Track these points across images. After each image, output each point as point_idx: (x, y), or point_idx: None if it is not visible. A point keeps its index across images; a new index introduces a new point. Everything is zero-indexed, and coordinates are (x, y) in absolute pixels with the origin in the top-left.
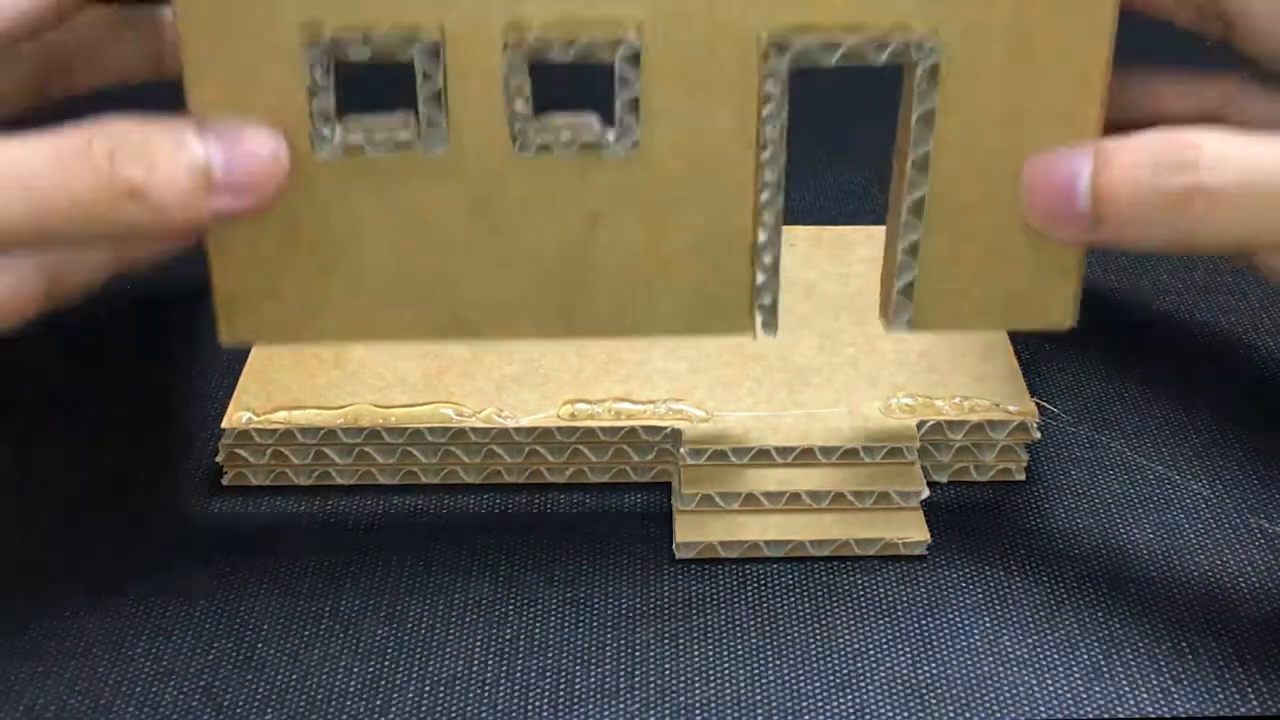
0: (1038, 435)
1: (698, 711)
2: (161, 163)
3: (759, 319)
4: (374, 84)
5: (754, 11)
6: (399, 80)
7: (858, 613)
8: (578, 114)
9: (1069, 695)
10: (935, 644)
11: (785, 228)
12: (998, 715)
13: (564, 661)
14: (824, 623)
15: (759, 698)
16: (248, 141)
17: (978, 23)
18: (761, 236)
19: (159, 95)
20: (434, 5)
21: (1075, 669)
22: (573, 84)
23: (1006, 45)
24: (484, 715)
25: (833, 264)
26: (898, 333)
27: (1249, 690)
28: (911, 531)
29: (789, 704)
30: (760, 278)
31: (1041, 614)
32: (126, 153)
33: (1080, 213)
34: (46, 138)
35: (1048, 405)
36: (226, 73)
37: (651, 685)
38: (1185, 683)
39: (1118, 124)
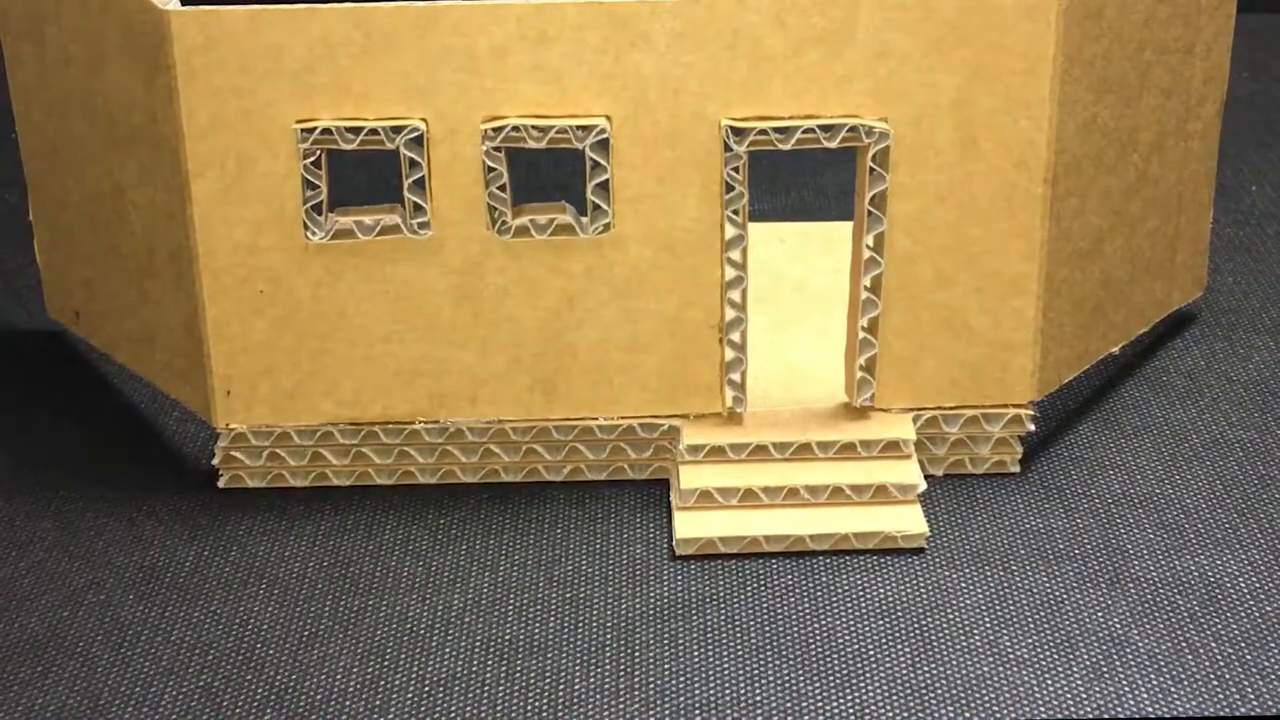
0: (1031, 427)
1: (698, 711)
2: None
3: (729, 394)
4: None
5: (713, 104)
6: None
7: (858, 612)
8: (552, 204)
9: (1069, 695)
10: (935, 644)
11: (774, 224)
12: (998, 715)
13: (564, 661)
14: (824, 622)
15: (759, 698)
16: None
17: (923, 111)
18: (729, 314)
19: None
20: (419, 99)
21: (1075, 669)
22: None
23: (951, 131)
24: (484, 715)
25: (824, 260)
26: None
27: (1249, 690)
28: (910, 525)
29: (789, 704)
30: (729, 354)
31: (1041, 614)
32: None
33: None
34: None
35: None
36: (225, 164)
37: (651, 685)
38: (1185, 683)
39: None
